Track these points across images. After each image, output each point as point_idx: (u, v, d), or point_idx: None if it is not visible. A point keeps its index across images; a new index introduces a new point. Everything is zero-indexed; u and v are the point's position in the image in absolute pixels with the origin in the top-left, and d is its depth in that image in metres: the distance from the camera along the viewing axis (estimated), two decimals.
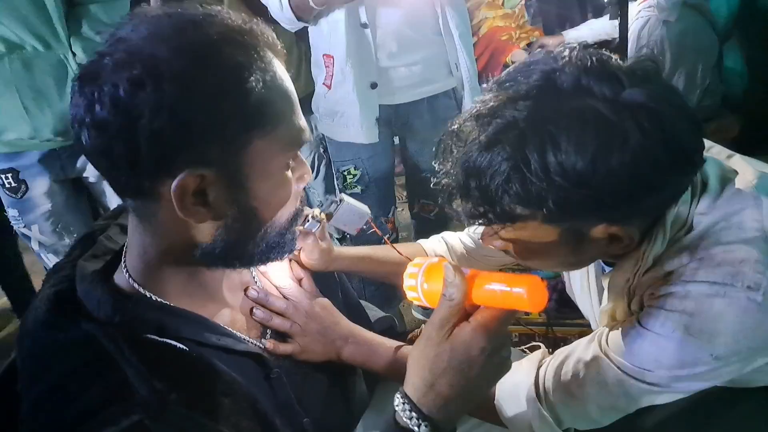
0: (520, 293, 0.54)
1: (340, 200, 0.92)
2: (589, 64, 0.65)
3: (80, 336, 0.60)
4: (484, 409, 0.84)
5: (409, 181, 1.94)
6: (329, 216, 0.90)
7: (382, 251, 1.02)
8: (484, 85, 1.33)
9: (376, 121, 1.62)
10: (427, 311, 2.07)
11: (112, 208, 0.91)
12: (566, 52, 0.66)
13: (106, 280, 0.67)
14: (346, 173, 1.70)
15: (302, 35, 1.74)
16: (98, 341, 0.60)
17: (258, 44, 0.59)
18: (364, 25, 1.53)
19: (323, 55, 1.60)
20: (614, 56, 0.67)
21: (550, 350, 0.85)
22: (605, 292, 0.84)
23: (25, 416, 0.58)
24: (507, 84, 0.68)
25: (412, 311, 2.10)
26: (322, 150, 2.03)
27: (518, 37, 2.58)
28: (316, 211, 0.88)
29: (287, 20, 1.52)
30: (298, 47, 1.84)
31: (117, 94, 0.53)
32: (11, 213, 1.61)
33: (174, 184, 0.56)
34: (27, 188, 1.56)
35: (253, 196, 0.61)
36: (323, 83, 1.63)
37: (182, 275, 0.67)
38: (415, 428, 0.59)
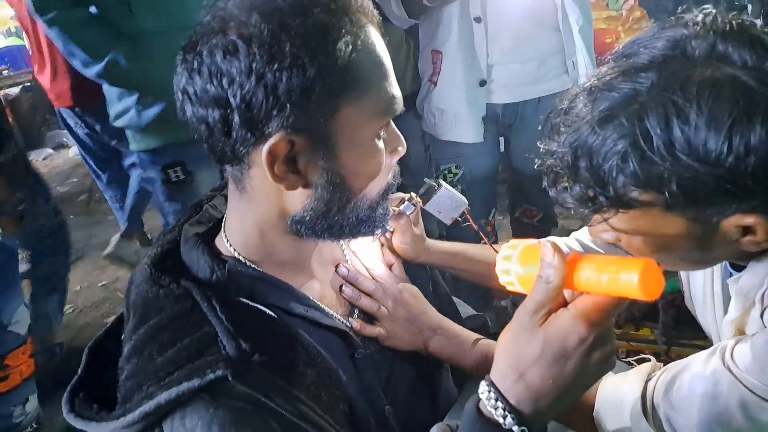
0: (630, 279, 0.45)
1: (438, 185, 0.88)
2: (727, 28, 0.56)
3: (179, 291, 0.63)
4: (582, 418, 0.76)
5: (512, 186, 1.87)
6: (425, 200, 0.87)
7: (478, 250, 0.96)
8: None
9: (482, 119, 1.57)
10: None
11: None
12: (699, 17, 0.58)
13: (208, 244, 0.69)
14: (446, 171, 1.67)
15: (412, 33, 1.73)
16: (193, 298, 0.62)
17: (349, 9, 0.58)
18: (477, 19, 1.48)
19: (432, 51, 1.57)
20: (758, 21, 0.58)
21: (662, 365, 0.76)
22: (732, 301, 0.73)
23: (122, 361, 0.61)
24: (627, 55, 0.61)
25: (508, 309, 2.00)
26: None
27: (624, 41, 2.40)
28: (413, 194, 0.85)
29: (399, 17, 1.51)
30: (407, 44, 1.82)
31: (212, 61, 0.55)
32: (172, 207, 1.65)
33: (265, 149, 0.57)
34: (194, 180, 1.60)
35: (343, 164, 0.60)
36: (429, 79, 1.60)
37: (276, 244, 0.67)
38: (500, 419, 0.53)
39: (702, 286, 0.82)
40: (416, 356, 0.80)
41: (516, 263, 0.55)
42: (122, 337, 0.65)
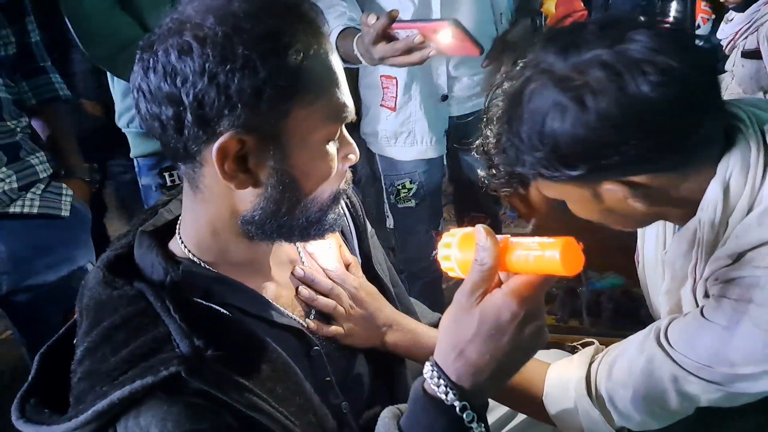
0: (553, 256, 0.49)
1: None
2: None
3: (132, 293, 0.62)
4: (532, 403, 0.79)
5: (459, 195, 1.91)
6: None
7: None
8: None
9: (444, 133, 1.59)
10: None
11: None
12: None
13: (162, 246, 0.69)
14: (400, 187, 1.65)
15: None
16: (147, 299, 0.61)
17: (303, 18, 0.60)
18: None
19: (381, 77, 1.55)
20: None
21: (605, 347, 0.79)
22: (665, 277, 0.77)
23: (75, 364, 0.60)
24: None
25: None
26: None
27: None
28: None
29: None
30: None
31: (167, 60, 0.56)
32: None
33: (215, 146, 0.57)
34: None
35: (293, 164, 0.61)
36: (382, 105, 1.58)
37: (230, 245, 0.67)
38: (443, 395, 0.55)
39: (654, 255, 0.86)
40: (374, 352, 0.81)
41: (455, 249, 0.58)
42: (75, 341, 0.64)
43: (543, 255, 0.50)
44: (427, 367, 0.57)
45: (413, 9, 1.43)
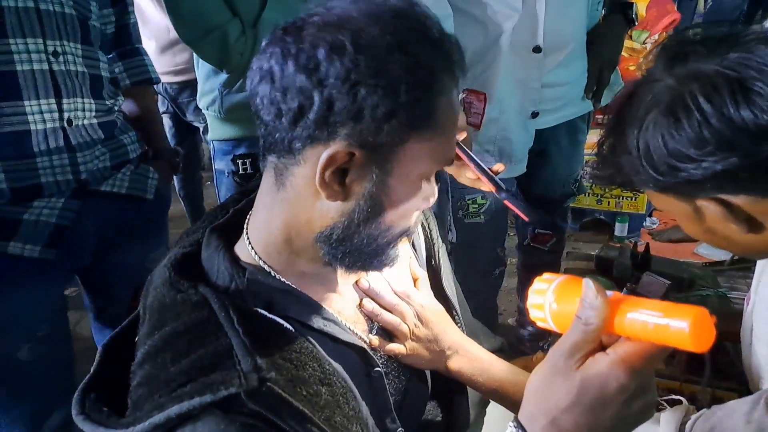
0: (680, 327, 0.42)
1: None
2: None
3: (196, 298, 0.60)
4: None
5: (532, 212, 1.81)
6: None
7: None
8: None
9: (529, 152, 1.50)
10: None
11: None
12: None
13: (229, 249, 0.66)
14: (470, 202, 1.54)
15: None
16: (211, 307, 0.58)
17: (451, 58, 0.58)
18: (537, 49, 1.35)
19: (465, 90, 1.41)
20: None
21: (694, 408, 0.71)
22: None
23: (135, 366, 0.58)
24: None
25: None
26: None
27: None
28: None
29: None
30: None
31: (313, 53, 0.53)
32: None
33: (327, 152, 0.55)
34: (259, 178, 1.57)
35: (387, 192, 0.59)
36: (470, 123, 1.44)
37: (299, 255, 0.64)
38: None
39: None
40: (433, 377, 0.76)
41: (551, 298, 0.51)
42: (136, 339, 0.62)
43: (668, 325, 0.42)
44: (511, 429, 0.51)
45: (517, 17, 1.33)
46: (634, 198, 2.51)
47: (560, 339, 0.48)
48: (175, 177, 2.23)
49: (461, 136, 0.91)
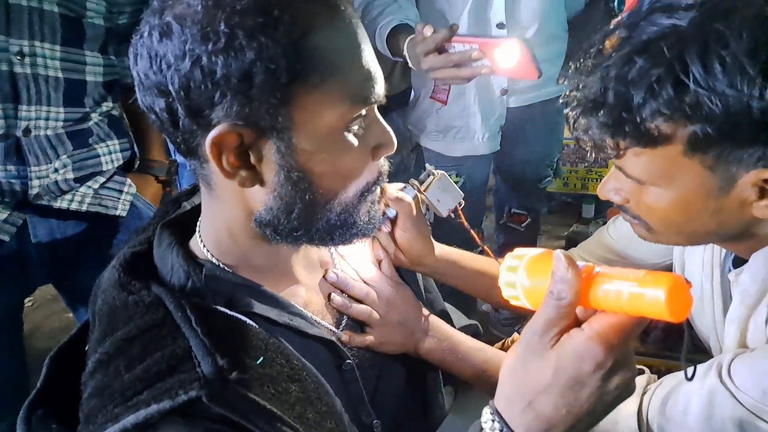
0: (657, 296, 0.39)
1: (438, 174, 0.81)
2: None
3: (149, 299, 0.56)
4: None
5: (502, 189, 1.81)
6: (425, 188, 0.80)
7: (485, 262, 0.88)
8: None
9: (500, 128, 1.50)
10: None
11: None
12: None
13: (183, 245, 0.62)
14: None
15: None
16: (166, 307, 0.55)
17: None
18: (500, 25, 1.37)
19: None
20: None
21: (656, 377, 0.71)
22: (735, 298, 0.68)
23: (85, 376, 0.54)
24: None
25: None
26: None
27: None
28: (412, 180, 0.78)
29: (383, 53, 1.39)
30: None
31: (150, 43, 0.49)
32: None
33: (207, 140, 0.50)
34: None
35: (303, 160, 0.53)
36: (433, 97, 1.48)
37: (250, 248, 0.61)
38: None
39: (700, 281, 0.77)
40: (406, 363, 0.74)
41: (522, 275, 0.49)
42: (86, 348, 0.58)
43: (643, 294, 0.40)
44: (486, 416, 0.48)
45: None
46: (599, 179, 2.54)
47: (533, 317, 0.46)
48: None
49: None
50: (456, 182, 1.50)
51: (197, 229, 0.63)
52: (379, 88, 0.55)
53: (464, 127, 1.47)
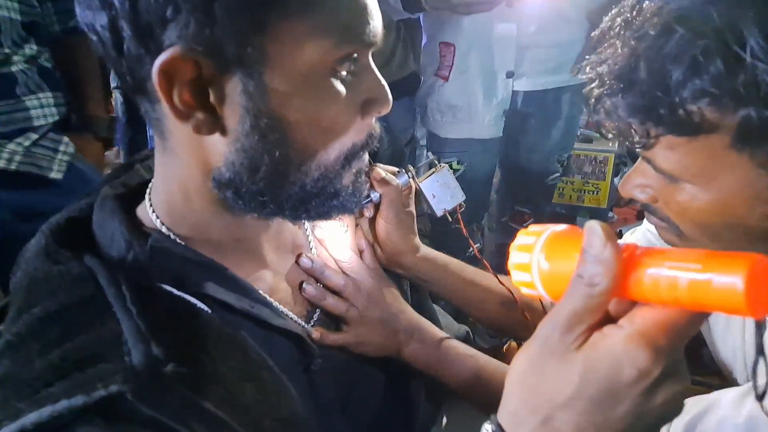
0: (731, 284, 0.29)
1: (440, 164, 0.72)
2: None
3: (79, 272, 0.47)
4: None
5: (506, 185, 1.72)
6: (422, 178, 0.71)
7: (477, 272, 0.77)
8: None
9: (504, 113, 1.44)
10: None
11: None
12: None
13: (128, 212, 0.52)
14: (447, 166, 1.51)
15: (408, 22, 1.61)
16: (97, 281, 0.46)
17: None
18: (509, 3, 1.32)
19: (440, 44, 1.41)
20: None
21: None
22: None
23: None
24: None
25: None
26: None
27: None
28: (409, 166, 0.69)
29: (393, 9, 1.37)
30: (397, 28, 1.70)
31: None
32: None
33: (154, 67, 0.40)
34: None
35: (276, 104, 0.43)
36: (436, 74, 1.44)
37: (207, 216, 0.52)
38: None
39: None
40: (386, 368, 0.66)
41: (540, 254, 0.39)
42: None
43: (709, 281, 0.30)
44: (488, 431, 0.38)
45: None
46: (596, 192, 2.47)
47: (554, 309, 0.36)
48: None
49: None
50: (457, 170, 1.49)
51: (147, 192, 0.53)
52: (375, 27, 0.46)
53: (465, 106, 1.43)
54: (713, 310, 0.31)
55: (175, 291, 0.49)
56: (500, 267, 0.75)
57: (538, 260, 0.38)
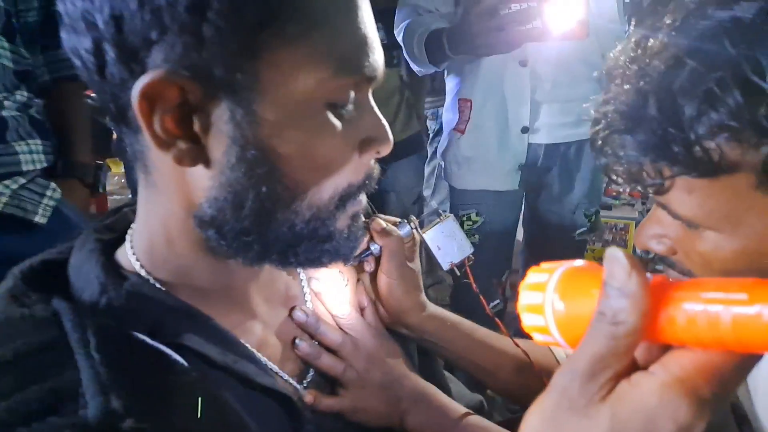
0: None
1: (445, 215, 0.68)
2: None
3: (43, 315, 0.44)
4: None
5: (530, 243, 1.68)
6: (426, 229, 0.66)
7: (491, 335, 0.71)
8: None
9: (520, 166, 1.46)
10: None
11: None
12: None
13: (107, 253, 0.49)
14: (465, 218, 1.52)
15: (411, 83, 1.72)
16: (62, 326, 0.42)
17: None
18: (522, 63, 1.38)
19: (459, 100, 1.48)
20: None
21: None
22: None
23: None
24: None
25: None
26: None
27: None
28: (412, 216, 0.64)
29: (419, 65, 1.43)
30: (401, 93, 1.79)
31: None
32: None
33: (134, 90, 0.38)
34: None
35: (265, 136, 0.41)
36: (455, 128, 1.50)
37: (195, 259, 0.48)
38: None
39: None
40: None
41: (554, 294, 0.34)
42: None
43: (759, 314, 0.25)
44: None
45: None
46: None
47: (572, 355, 0.30)
48: None
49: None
50: (475, 222, 1.51)
51: (129, 233, 0.50)
52: (376, 61, 0.44)
53: (479, 158, 1.48)
54: (765, 350, 0.25)
55: (148, 340, 0.44)
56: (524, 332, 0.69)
57: (552, 300, 0.33)
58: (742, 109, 0.41)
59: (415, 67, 1.47)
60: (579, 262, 0.34)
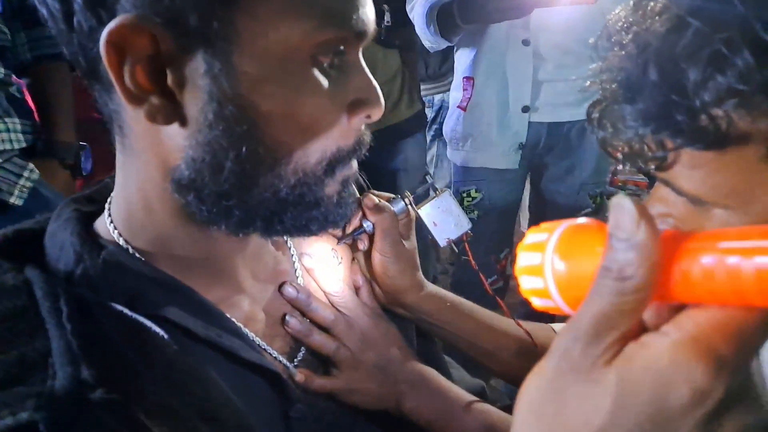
0: None
1: (441, 190, 0.65)
2: None
3: (14, 284, 0.42)
4: None
5: (534, 223, 1.66)
6: (420, 204, 0.63)
7: (492, 315, 0.69)
8: None
9: (520, 146, 1.47)
10: None
11: None
12: None
13: (85, 223, 0.47)
14: (464, 194, 1.56)
15: (408, 63, 1.74)
16: (33, 294, 0.41)
17: None
18: (525, 42, 1.39)
19: (463, 78, 1.52)
20: None
21: None
22: None
23: None
24: None
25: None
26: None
27: None
28: (407, 192, 0.62)
29: (432, 39, 1.45)
30: (402, 73, 1.80)
31: None
32: None
33: (102, 34, 0.36)
34: None
35: (245, 90, 0.38)
36: (458, 106, 1.53)
37: (176, 230, 0.46)
38: None
39: None
40: (383, 423, 0.57)
41: (554, 253, 0.31)
42: None
43: None
44: None
45: None
46: None
47: (574, 315, 0.28)
48: None
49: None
50: (474, 198, 1.53)
51: (107, 203, 0.48)
52: (366, 15, 0.42)
53: (479, 136, 1.51)
54: None
55: (125, 310, 0.43)
56: (528, 314, 0.66)
57: (552, 260, 0.31)
58: (753, 71, 0.37)
59: (427, 43, 1.49)
60: (581, 220, 0.31)
